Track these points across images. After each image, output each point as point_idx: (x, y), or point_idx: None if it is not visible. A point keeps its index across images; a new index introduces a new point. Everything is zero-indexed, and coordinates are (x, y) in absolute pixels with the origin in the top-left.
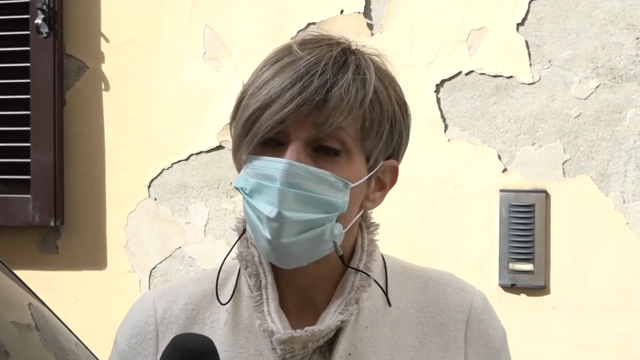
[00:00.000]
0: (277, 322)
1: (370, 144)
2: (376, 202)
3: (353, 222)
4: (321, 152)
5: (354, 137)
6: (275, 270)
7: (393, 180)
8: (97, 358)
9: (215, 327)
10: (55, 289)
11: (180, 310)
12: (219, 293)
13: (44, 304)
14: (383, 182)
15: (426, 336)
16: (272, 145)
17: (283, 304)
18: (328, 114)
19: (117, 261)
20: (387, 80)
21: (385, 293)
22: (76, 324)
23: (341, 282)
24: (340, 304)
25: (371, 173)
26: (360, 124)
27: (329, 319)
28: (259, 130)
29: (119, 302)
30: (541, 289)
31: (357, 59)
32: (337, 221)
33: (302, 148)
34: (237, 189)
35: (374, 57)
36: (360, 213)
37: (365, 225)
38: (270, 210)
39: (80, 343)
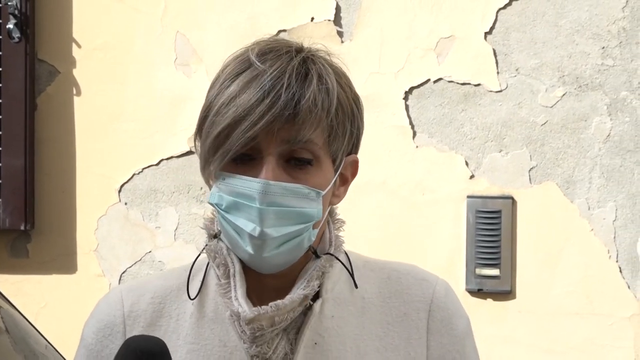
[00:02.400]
0: (243, 305)
1: (336, 147)
2: (341, 197)
3: (323, 221)
4: (294, 162)
5: (323, 145)
6: (244, 263)
7: (354, 173)
8: None
9: (182, 320)
10: (26, 292)
11: (147, 304)
12: (194, 281)
13: (14, 307)
14: (345, 177)
15: (390, 326)
16: (244, 160)
17: (249, 297)
18: (298, 128)
19: (88, 265)
20: (343, 81)
21: (351, 274)
22: (46, 328)
23: (304, 268)
24: (303, 282)
25: (337, 173)
26: (328, 131)
27: (292, 294)
28: (231, 147)
29: (89, 306)
30: (507, 294)
31: (317, 67)
32: (313, 227)
33: (276, 163)
34: (211, 204)
35: (326, 57)
36: (328, 209)
37: (332, 221)
38: (252, 229)
39: (50, 346)
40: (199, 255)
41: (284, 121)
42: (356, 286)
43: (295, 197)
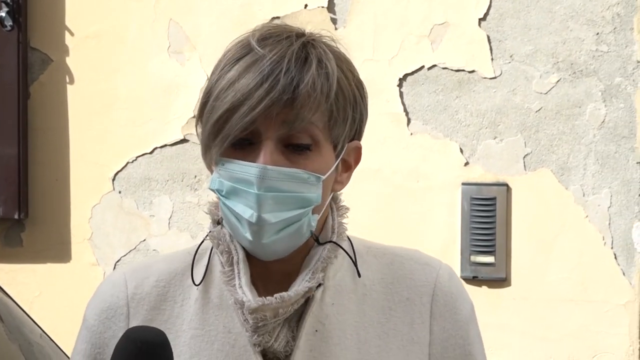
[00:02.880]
0: (247, 294)
1: (337, 132)
2: (344, 183)
3: (325, 207)
4: (293, 148)
5: (323, 130)
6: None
7: (357, 159)
8: (61, 349)
9: (186, 305)
10: (20, 281)
11: (152, 287)
12: (198, 266)
13: (8, 296)
14: (348, 163)
15: (392, 312)
16: (244, 145)
17: (255, 285)
18: (297, 112)
19: (82, 254)
20: (345, 66)
21: (355, 264)
22: (41, 317)
23: (308, 256)
24: (307, 272)
25: (339, 159)
26: (328, 116)
27: (297, 286)
28: (230, 132)
29: (83, 294)
30: (502, 281)
31: (317, 52)
32: (312, 212)
33: (274, 147)
34: (212, 190)
35: (330, 43)
36: (331, 196)
37: (335, 208)
38: (250, 215)
39: (44, 335)
40: (203, 240)
41: (283, 105)
42: (359, 275)
43: (294, 182)
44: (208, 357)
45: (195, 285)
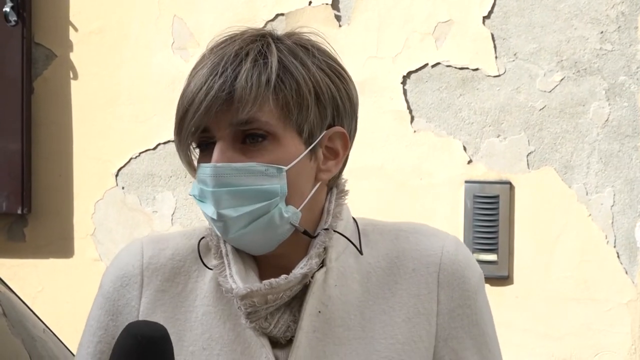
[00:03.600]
0: (238, 282)
1: (299, 120)
2: (332, 171)
3: (309, 197)
4: (250, 141)
5: (276, 119)
6: None
7: (344, 145)
8: (64, 344)
9: (201, 282)
10: (22, 276)
11: (168, 259)
12: (207, 255)
13: (12, 291)
14: (334, 150)
15: (397, 285)
16: (207, 147)
17: (262, 279)
18: (237, 107)
19: (84, 249)
20: (303, 53)
21: (356, 245)
22: (43, 312)
23: (310, 247)
24: (304, 260)
25: (311, 146)
26: (280, 104)
27: (289, 275)
28: (185, 137)
29: (86, 290)
30: (504, 279)
31: (260, 46)
32: (287, 203)
33: (229, 145)
34: (192, 196)
35: (293, 36)
36: (317, 186)
37: (335, 191)
38: (212, 212)
39: (48, 330)
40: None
41: (223, 104)
42: (361, 253)
43: (250, 176)
44: (220, 334)
45: (206, 267)
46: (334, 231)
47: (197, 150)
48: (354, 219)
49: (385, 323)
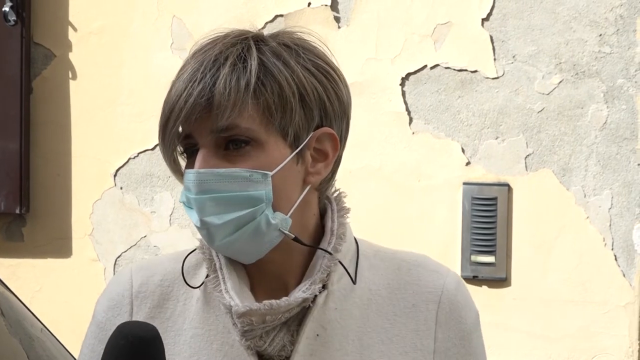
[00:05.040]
0: (235, 297)
1: (282, 123)
2: (321, 174)
3: (298, 202)
4: (233, 147)
5: (258, 124)
6: None
7: (334, 146)
8: (62, 344)
9: (188, 304)
10: (20, 276)
11: (156, 285)
12: (194, 273)
13: (10, 290)
14: (323, 152)
15: (397, 317)
16: (193, 154)
17: (254, 290)
18: (217, 114)
19: (82, 249)
20: (286, 54)
21: (350, 273)
22: (41, 312)
23: (311, 264)
24: (306, 283)
25: (297, 150)
26: (262, 109)
27: (291, 296)
28: (168, 144)
29: (84, 290)
30: (502, 281)
31: (240, 49)
32: (274, 209)
33: (211, 152)
34: (181, 203)
35: (294, 34)
36: (307, 189)
37: (337, 209)
38: (196, 220)
39: (45, 329)
40: (195, 249)
41: (203, 110)
42: (354, 282)
43: (234, 182)
44: (207, 356)
45: (191, 287)
46: (330, 253)
47: (168, 161)
48: (355, 240)
49: (383, 353)
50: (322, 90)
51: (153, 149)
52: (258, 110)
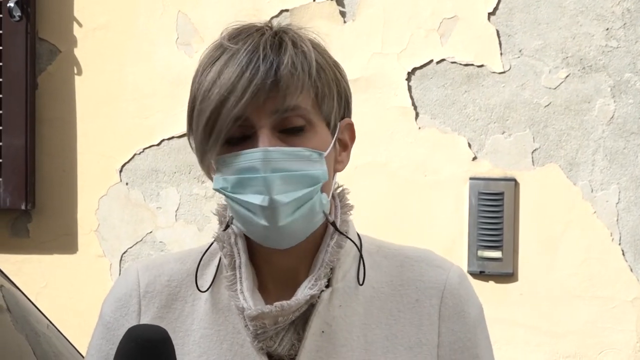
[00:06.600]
0: (248, 300)
1: (327, 110)
2: (344, 162)
3: (332, 189)
4: (288, 132)
5: (313, 108)
6: (255, 252)
7: (352, 137)
8: (68, 340)
9: (197, 305)
10: (26, 272)
11: (164, 286)
12: (202, 274)
13: (16, 286)
14: (344, 142)
15: (400, 313)
16: (239, 142)
17: (262, 285)
18: (284, 94)
19: (88, 245)
20: (319, 48)
21: (358, 272)
22: (47, 308)
23: (314, 261)
24: (310, 279)
25: (335, 136)
26: (314, 94)
27: (299, 294)
28: (222, 128)
29: (90, 286)
30: (509, 276)
31: (290, 36)
32: (321, 191)
33: (271, 133)
34: (217, 190)
35: (300, 32)
36: (334, 181)
37: (340, 206)
38: (262, 200)
39: (51, 325)
40: (212, 243)
41: (268, 90)
42: (359, 283)
43: (298, 160)
44: (217, 356)
45: (201, 291)
46: (353, 241)
47: (217, 143)
48: (359, 236)
49: (387, 349)
50: (345, 82)
51: (159, 144)
52: (313, 93)
